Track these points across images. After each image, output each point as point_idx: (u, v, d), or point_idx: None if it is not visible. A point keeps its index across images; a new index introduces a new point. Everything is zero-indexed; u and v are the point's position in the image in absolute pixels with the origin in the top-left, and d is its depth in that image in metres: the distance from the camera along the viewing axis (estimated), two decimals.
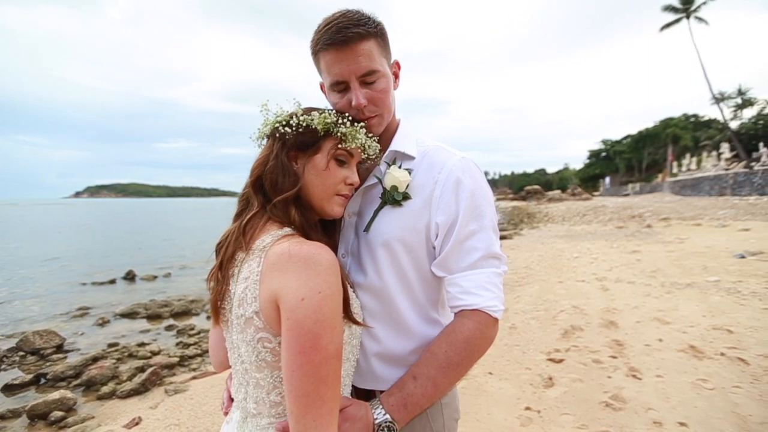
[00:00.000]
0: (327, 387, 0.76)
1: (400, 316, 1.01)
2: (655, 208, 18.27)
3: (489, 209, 0.99)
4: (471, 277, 0.95)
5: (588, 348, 3.91)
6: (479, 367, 3.66)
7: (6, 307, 8.23)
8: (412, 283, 1.01)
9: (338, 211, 0.96)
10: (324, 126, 0.92)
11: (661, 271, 7.02)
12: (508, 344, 4.17)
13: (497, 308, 0.94)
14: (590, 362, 3.60)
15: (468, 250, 0.96)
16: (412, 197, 1.00)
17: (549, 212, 25.76)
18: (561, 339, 4.20)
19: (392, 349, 1.01)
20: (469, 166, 1.01)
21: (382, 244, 0.99)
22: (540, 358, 3.78)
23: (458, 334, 0.93)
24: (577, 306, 5.26)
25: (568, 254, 9.61)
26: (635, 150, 65.21)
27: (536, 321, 4.84)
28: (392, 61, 1.06)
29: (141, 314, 7.36)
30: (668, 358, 3.59)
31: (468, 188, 0.97)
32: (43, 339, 5.59)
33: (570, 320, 4.73)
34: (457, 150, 1.06)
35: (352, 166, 0.98)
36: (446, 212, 0.96)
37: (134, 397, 4.12)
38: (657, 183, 42.54)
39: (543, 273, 7.60)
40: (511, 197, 56.97)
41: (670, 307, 5.01)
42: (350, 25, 0.91)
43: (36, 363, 5.27)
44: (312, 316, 0.75)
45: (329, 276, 0.78)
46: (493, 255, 0.97)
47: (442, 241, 0.98)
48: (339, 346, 0.80)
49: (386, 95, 1.00)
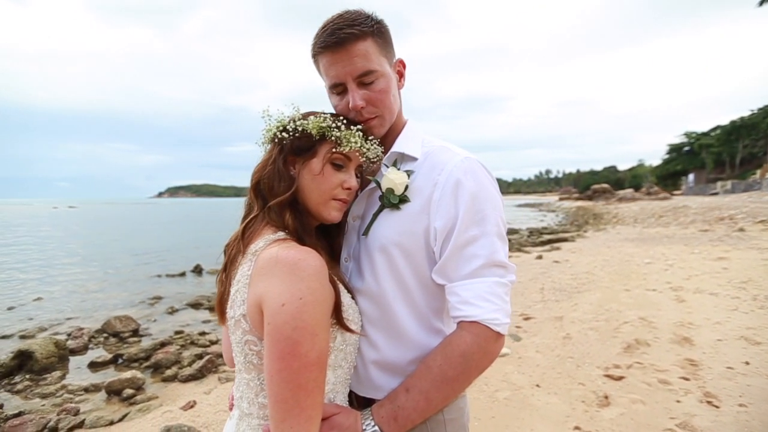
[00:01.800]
0: (306, 395, 0.75)
1: (398, 323, 0.96)
2: (750, 209, 15.90)
3: (493, 214, 0.90)
4: (470, 287, 0.87)
5: (654, 366, 3.48)
6: (526, 378, 3.43)
7: (97, 294, 9.41)
8: (411, 290, 0.96)
9: (335, 215, 0.94)
10: (319, 130, 0.91)
11: (754, 282, 6.08)
12: (560, 355, 3.87)
13: (499, 321, 0.85)
14: (656, 382, 3.20)
15: (468, 258, 0.88)
16: (411, 200, 0.95)
17: (619, 213, 23.61)
18: (622, 354, 3.80)
19: (391, 358, 0.97)
20: (472, 167, 0.93)
21: (380, 249, 0.95)
22: (596, 373, 3.44)
23: (454, 348, 0.86)
24: (644, 318, 4.73)
25: (639, 259, 8.71)
26: (726, 143, 57.26)
27: (595, 332, 4.43)
28: (395, 59, 1.03)
29: (204, 305, 7.99)
30: (756, 385, 3.07)
31: (469, 190, 0.90)
32: (122, 323, 6.29)
33: (635, 333, 4.26)
34: (463, 150, 0.99)
35: (350, 170, 0.96)
36: (445, 216, 0.90)
37: (192, 382, 4.47)
38: (754, 180, 37.04)
39: (606, 279, 6.97)
40: (575, 197, 53.14)
41: (762, 325, 4.30)
42: (344, 26, 0.90)
43: (116, 344, 5.94)
44: (291, 322, 0.74)
45: (312, 282, 0.77)
46: (497, 263, 0.88)
47: (441, 246, 0.91)
48: (321, 354, 0.78)
49: (385, 95, 0.96)
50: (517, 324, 4.89)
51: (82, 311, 7.86)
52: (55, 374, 4.94)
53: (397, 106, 1.02)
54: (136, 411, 3.91)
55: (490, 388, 3.32)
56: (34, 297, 8.89)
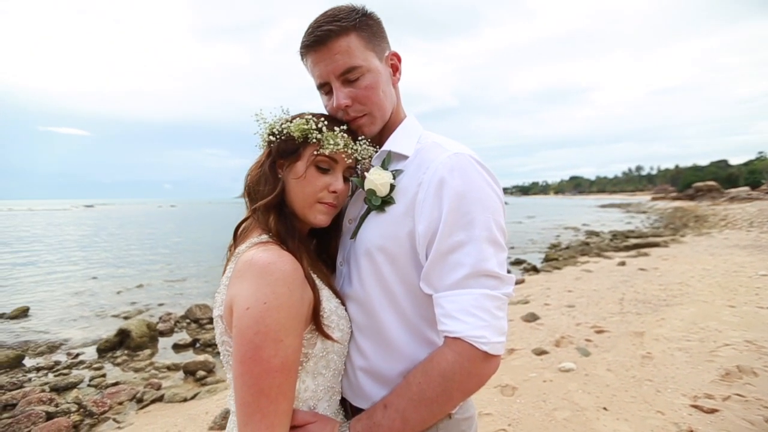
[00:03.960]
0: (269, 401, 0.73)
1: (385, 331, 0.88)
2: None
3: (483, 216, 0.78)
4: (454, 299, 0.77)
5: (761, 401, 2.87)
6: (591, 398, 3.06)
7: (183, 283, 10.63)
8: (398, 297, 0.87)
9: (321, 219, 0.92)
10: (301, 132, 0.89)
11: None
12: (636, 377, 3.38)
13: (486, 340, 0.73)
14: (761, 421, 2.62)
15: (452, 266, 0.78)
16: (396, 202, 0.88)
17: (728, 215, 20.23)
18: (718, 382, 3.20)
19: (379, 367, 0.90)
20: (460, 163, 0.82)
21: (365, 253, 0.89)
22: (681, 401, 2.94)
23: (435, 366, 0.77)
24: (752, 341, 3.94)
25: (751, 270, 7.34)
26: None
27: (684, 353, 3.80)
28: (387, 53, 0.96)
29: None
30: None
31: (454, 189, 0.79)
32: (201, 311, 6.98)
33: (738, 359, 3.57)
34: (458, 144, 0.89)
35: (337, 173, 0.92)
36: (427, 219, 0.81)
37: None
38: None
39: (705, 292, 5.97)
40: (672, 196, 46.65)
41: None
42: (324, 23, 0.87)
43: (195, 330, 6.62)
44: (254, 326, 0.74)
45: (278, 287, 0.76)
46: (486, 273, 0.76)
47: (425, 253, 0.82)
48: (286, 361, 0.75)
49: (372, 92, 0.90)
50: (587, 337, 4.41)
51: (171, 298, 8.93)
52: (146, 352, 5.65)
53: (389, 101, 0.96)
54: (206, 391, 4.30)
55: (547, 405, 3.02)
56: (137, 284, 10.30)
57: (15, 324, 7.00)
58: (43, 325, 6.97)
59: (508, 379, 3.52)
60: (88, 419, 3.77)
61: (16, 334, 6.47)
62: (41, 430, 3.40)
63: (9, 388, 4.53)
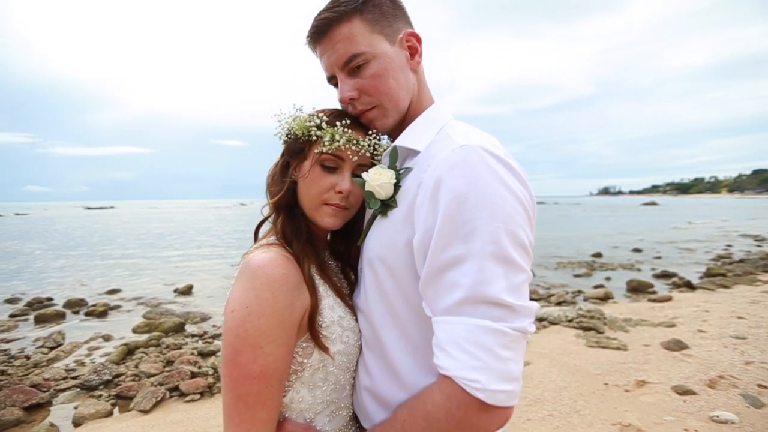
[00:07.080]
0: (246, 407, 0.70)
1: (388, 352, 0.76)
2: None
3: (490, 225, 0.59)
4: (447, 327, 0.60)
5: None
6: None
7: None
8: (401, 316, 0.74)
9: (328, 222, 0.85)
10: (304, 130, 0.84)
11: None
12: None
13: (480, 385, 0.54)
14: None
15: (446, 286, 0.61)
16: (398, 205, 0.75)
17: None
18: None
19: (382, 390, 0.78)
20: (465, 158, 0.64)
21: (368, 263, 0.80)
22: None
23: (420, 405, 0.62)
24: None
25: None
26: None
27: None
28: (401, 34, 0.82)
29: None
30: None
31: (452, 191, 0.62)
32: None
33: None
34: (475, 134, 0.70)
35: (344, 172, 0.84)
36: (423, 227, 0.66)
37: None
38: None
39: None
40: None
41: None
42: (324, 10, 0.79)
43: None
44: (234, 329, 0.72)
45: (263, 292, 0.73)
46: (487, 299, 0.57)
47: (421, 267, 0.68)
48: (266, 369, 0.71)
49: (380, 80, 0.79)
50: (761, 381, 3.32)
51: None
52: None
53: (405, 90, 0.82)
54: None
55: None
56: None
57: (182, 298, 8.83)
58: (201, 300, 8.62)
59: (634, 417, 2.87)
60: (218, 383, 4.48)
61: (182, 305, 8.14)
62: (186, 384, 4.18)
63: (173, 347, 5.70)
